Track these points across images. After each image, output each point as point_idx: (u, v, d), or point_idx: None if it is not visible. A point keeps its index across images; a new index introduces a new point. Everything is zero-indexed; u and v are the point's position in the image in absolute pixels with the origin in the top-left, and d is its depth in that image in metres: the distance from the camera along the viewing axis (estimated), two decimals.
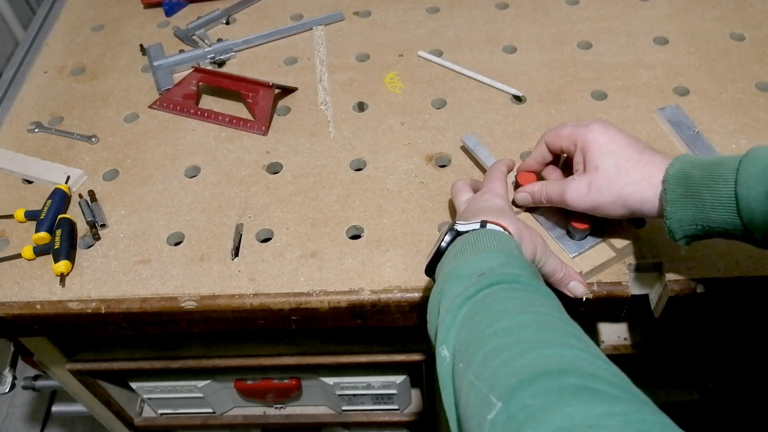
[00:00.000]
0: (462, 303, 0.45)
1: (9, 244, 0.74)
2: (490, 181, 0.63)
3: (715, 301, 0.63)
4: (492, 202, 0.59)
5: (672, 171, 0.52)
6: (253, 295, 0.66)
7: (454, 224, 0.55)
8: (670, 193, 0.52)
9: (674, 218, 0.52)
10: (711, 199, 0.50)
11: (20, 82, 0.93)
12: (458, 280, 0.48)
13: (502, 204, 0.59)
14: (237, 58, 0.93)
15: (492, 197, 0.60)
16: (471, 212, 0.58)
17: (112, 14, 1.03)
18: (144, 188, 0.77)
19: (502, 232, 0.53)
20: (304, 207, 0.73)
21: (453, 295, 0.46)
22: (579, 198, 0.58)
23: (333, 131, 0.81)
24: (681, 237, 0.53)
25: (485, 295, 0.45)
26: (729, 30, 0.88)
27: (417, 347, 0.82)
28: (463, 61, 0.87)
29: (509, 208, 0.60)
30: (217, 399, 0.95)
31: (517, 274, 0.47)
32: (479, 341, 0.40)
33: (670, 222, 0.52)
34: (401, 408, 0.96)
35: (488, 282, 0.45)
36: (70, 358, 0.85)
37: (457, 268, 0.49)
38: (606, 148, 0.56)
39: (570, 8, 0.94)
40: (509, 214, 0.57)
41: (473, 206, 0.60)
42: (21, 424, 1.59)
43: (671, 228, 0.53)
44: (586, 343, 0.39)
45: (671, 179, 0.52)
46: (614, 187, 0.55)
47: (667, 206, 0.52)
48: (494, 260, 0.48)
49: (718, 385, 0.91)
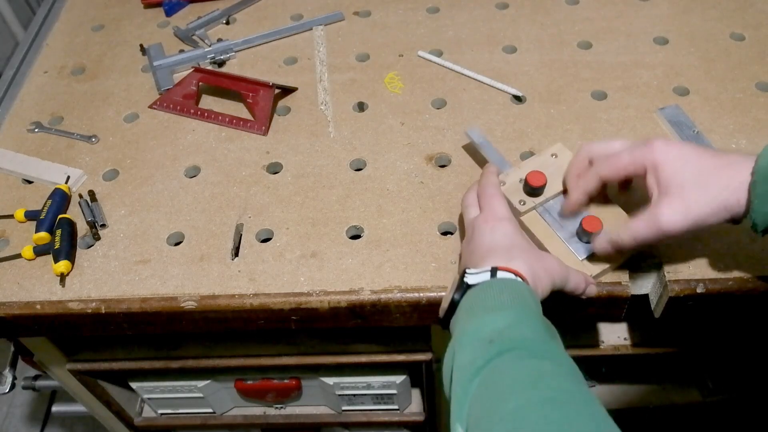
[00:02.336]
0: (472, 376, 0.45)
1: (9, 244, 0.74)
2: (489, 199, 0.61)
3: (715, 301, 0.63)
4: (499, 234, 0.57)
5: (763, 163, 0.51)
6: (253, 295, 0.66)
7: (464, 275, 0.54)
8: (759, 187, 0.50)
9: (760, 211, 0.50)
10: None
11: (20, 82, 0.93)
12: (469, 347, 0.47)
13: (509, 231, 0.57)
14: (237, 58, 0.93)
15: (497, 224, 0.58)
16: (479, 252, 0.56)
17: (112, 14, 1.03)
18: (144, 188, 0.77)
19: (513, 281, 0.52)
20: (304, 207, 0.73)
21: (464, 365, 0.46)
22: (679, 222, 0.54)
23: (333, 131, 0.81)
24: (763, 230, 0.52)
25: (494, 366, 0.44)
26: (729, 30, 0.88)
27: (417, 347, 0.82)
28: (463, 61, 0.87)
29: (515, 231, 0.58)
30: (217, 399, 0.95)
31: (527, 338, 0.46)
32: (488, 425, 0.41)
33: (756, 215, 0.51)
34: (401, 408, 0.96)
35: (497, 350, 0.45)
36: (70, 358, 0.85)
37: (468, 331, 0.49)
38: (681, 162, 0.54)
39: (570, 8, 0.94)
40: (519, 247, 0.55)
41: (481, 241, 0.57)
42: (21, 424, 1.59)
43: (756, 221, 0.51)
44: (590, 418, 0.39)
45: (761, 171, 0.51)
46: (710, 196, 0.53)
47: (755, 200, 0.51)
48: (504, 320, 0.48)
49: (718, 385, 0.91)
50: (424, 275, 0.66)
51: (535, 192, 0.64)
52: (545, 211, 0.65)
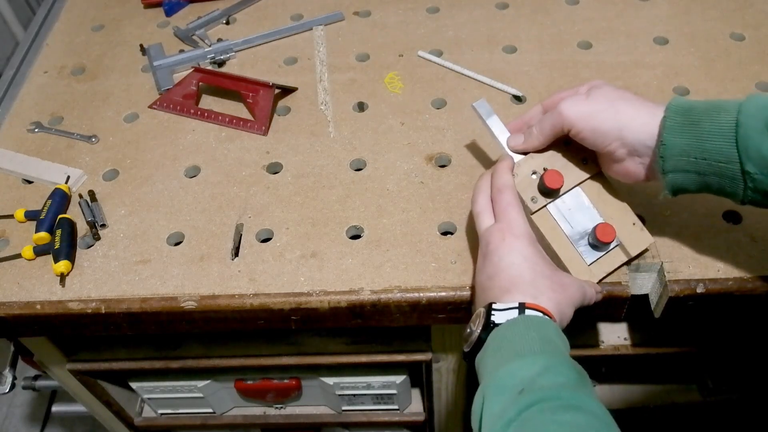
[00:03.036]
0: (503, 428, 0.44)
1: (9, 244, 0.74)
2: (505, 208, 0.58)
3: (715, 301, 0.63)
4: (519, 257, 0.54)
5: (675, 102, 0.53)
6: (253, 295, 0.66)
7: (490, 311, 0.52)
8: (670, 120, 0.53)
9: (669, 144, 0.52)
10: (710, 126, 0.51)
11: (20, 82, 0.93)
12: (498, 396, 0.46)
13: (529, 254, 0.55)
14: (237, 58, 0.93)
15: (515, 243, 0.55)
16: (501, 282, 0.54)
17: (112, 14, 1.03)
18: (144, 188, 0.77)
19: (541, 320, 0.51)
20: (304, 207, 0.73)
21: (494, 415, 0.45)
22: (575, 105, 0.57)
23: (333, 131, 0.81)
24: (670, 170, 0.53)
25: (525, 419, 0.43)
26: (729, 30, 0.88)
27: (417, 347, 0.82)
28: (463, 61, 0.87)
29: (535, 252, 0.55)
30: (217, 399, 0.95)
31: (559, 385, 0.45)
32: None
33: (665, 149, 0.53)
34: (401, 408, 0.96)
35: (528, 402, 0.44)
36: (70, 358, 0.85)
37: (497, 378, 0.48)
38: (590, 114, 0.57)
39: (570, 8, 0.94)
40: (542, 276, 0.54)
41: (500, 266, 0.55)
42: (21, 424, 1.59)
43: (663, 155, 0.53)
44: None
45: (673, 107, 0.53)
46: (612, 96, 0.56)
47: (665, 132, 0.53)
48: (534, 367, 0.47)
49: (718, 385, 0.91)
50: (424, 275, 0.66)
51: (550, 194, 0.61)
52: (557, 210, 0.61)
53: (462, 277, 0.65)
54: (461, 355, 0.54)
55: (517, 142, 0.63)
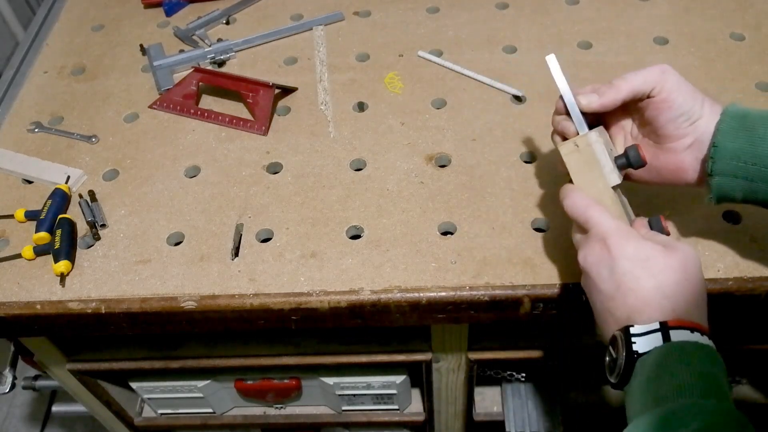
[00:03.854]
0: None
1: (9, 244, 0.74)
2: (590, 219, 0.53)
3: (715, 301, 0.63)
4: (642, 273, 0.49)
5: (731, 107, 0.53)
6: (253, 295, 0.66)
7: (629, 335, 0.47)
8: (725, 124, 0.52)
9: (721, 146, 0.52)
10: (764, 132, 0.51)
11: (20, 82, 0.93)
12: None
13: (652, 262, 0.49)
14: (237, 58, 0.93)
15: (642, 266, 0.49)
16: (638, 305, 0.48)
17: (112, 14, 1.03)
18: (144, 188, 0.77)
19: (695, 347, 0.46)
20: (304, 207, 0.73)
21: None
22: (674, 71, 0.54)
23: (333, 131, 0.81)
24: (718, 173, 0.52)
25: None
26: (729, 30, 0.88)
27: (417, 347, 0.82)
28: (463, 61, 0.87)
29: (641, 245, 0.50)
30: (217, 399, 0.95)
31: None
32: None
33: (716, 150, 0.52)
34: (401, 408, 0.96)
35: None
36: (70, 358, 0.85)
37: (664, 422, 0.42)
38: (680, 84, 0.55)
39: (570, 8, 0.94)
40: (674, 282, 0.49)
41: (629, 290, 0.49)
42: (21, 424, 1.59)
43: (714, 156, 0.52)
44: None
45: (729, 112, 0.53)
46: (689, 89, 0.54)
47: (718, 135, 0.52)
48: (692, 422, 0.42)
49: None
50: (424, 275, 0.66)
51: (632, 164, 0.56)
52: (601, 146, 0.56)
53: (462, 277, 0.65)
54: (610, 386, 0.49)
55: (590, 99, 0.57)
